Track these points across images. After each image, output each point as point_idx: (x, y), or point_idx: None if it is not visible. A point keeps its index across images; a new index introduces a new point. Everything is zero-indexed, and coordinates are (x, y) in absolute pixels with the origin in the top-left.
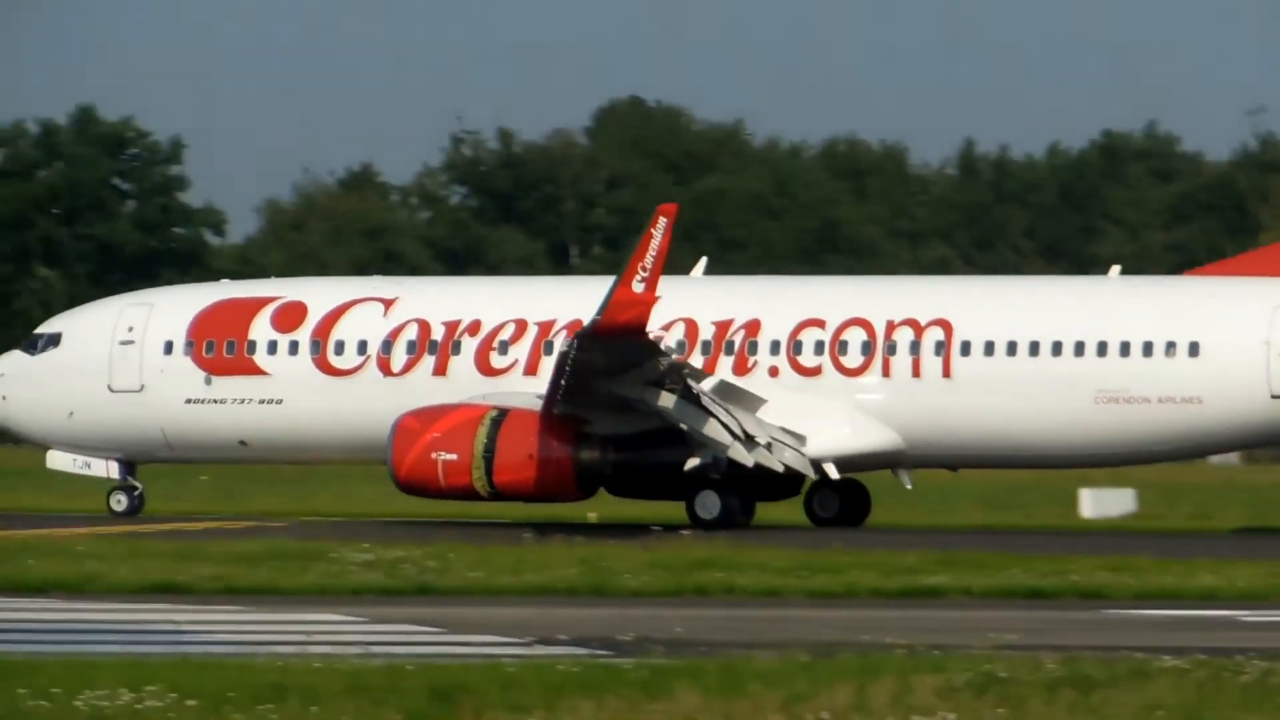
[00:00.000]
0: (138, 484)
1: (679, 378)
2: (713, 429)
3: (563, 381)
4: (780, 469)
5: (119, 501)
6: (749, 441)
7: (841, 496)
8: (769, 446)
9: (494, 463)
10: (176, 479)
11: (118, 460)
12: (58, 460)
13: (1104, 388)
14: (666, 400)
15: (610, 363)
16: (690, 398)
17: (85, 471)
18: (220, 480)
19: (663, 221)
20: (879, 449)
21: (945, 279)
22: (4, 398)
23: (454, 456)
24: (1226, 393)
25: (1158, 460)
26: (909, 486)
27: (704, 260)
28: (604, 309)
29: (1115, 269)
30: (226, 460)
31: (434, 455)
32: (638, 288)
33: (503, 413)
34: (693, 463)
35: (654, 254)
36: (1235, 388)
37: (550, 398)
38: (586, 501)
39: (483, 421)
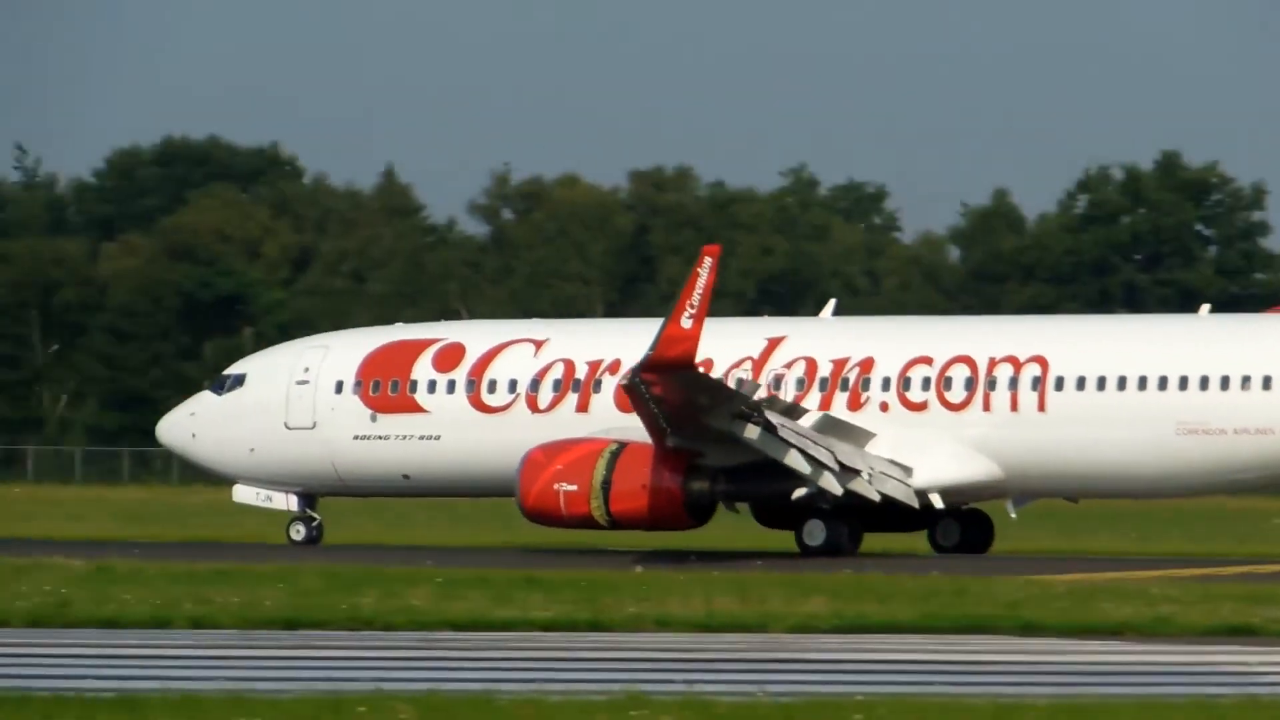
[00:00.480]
0: (316, 515)
1: (759, 411)
2: (794, 459)
3: (657, 415)
4: (876, 498)
5: (298, 531)
6: (846, 472)
7: (963, 526)
8: (870, 478)
9: (611, 493)
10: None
11: (296, 493)
12: (242, 494)
13: (1184, 419)
14: (751, 432)
15: (688, 398)
16: (773, 430)
17: (267, 504)
18: None
19: (708, 261)
20: (981, 480)
21: (1042, 318)
22: (194, 435)
23: (574, 487)
24: None
25: (1238, 490)
26: (1014, 516)
27: (833, 302)
28: (655, 344)
29: (1205, 307)
30: (392, 493)
31: (556, 486)
32: (686, 324)
33: (621, 446)
34: (800, 492)
35: (700, 292)
36: None
37: (653, 432)
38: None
39: (602, 455)
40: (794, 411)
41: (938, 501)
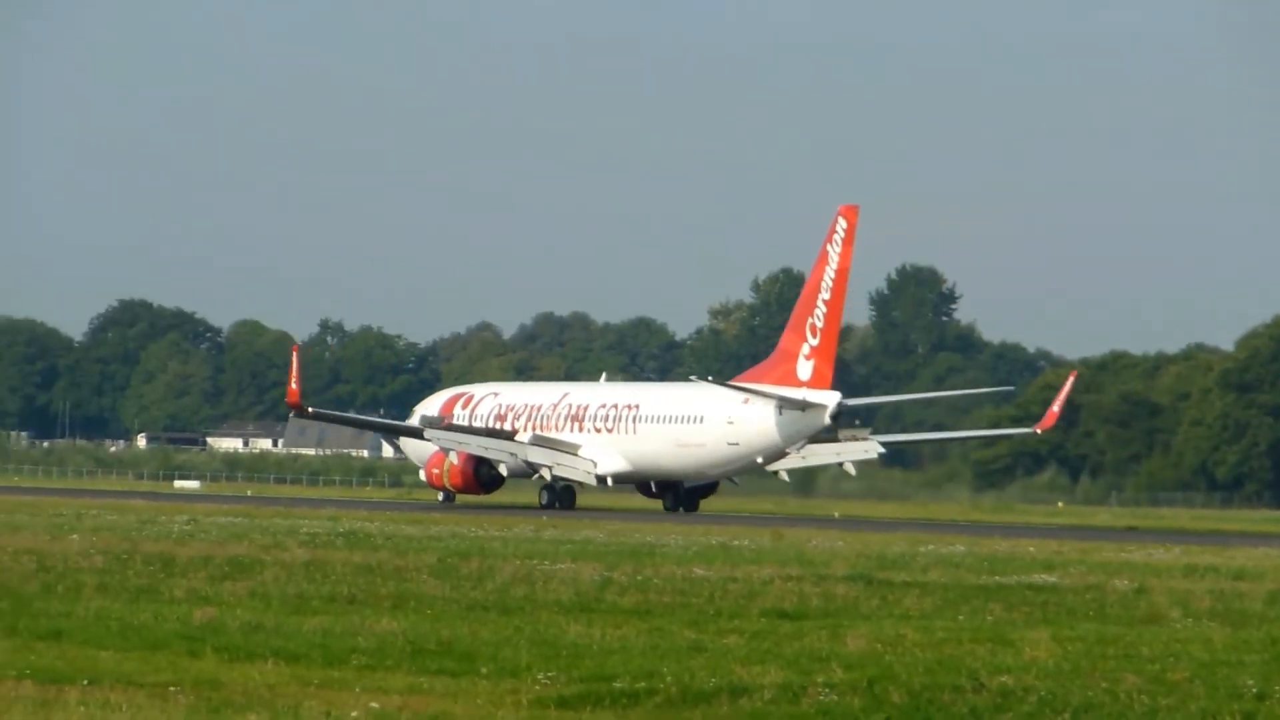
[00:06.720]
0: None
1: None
2: (451, 455)
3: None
4: (548, 479)
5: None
6: (534, 466)
7: (674, 495)
8: (552, 469)
9: (448, 474)
10: None
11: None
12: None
13: (679, 439)
14: (432, 438)
15: (338, 425)
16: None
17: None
18: None
19: (295, 355)
20: (625, 470)
21: (640, 384)
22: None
23: (437, 471)
24: (713, 443)
25: (708, 478)
26: (854, 472)
27: (604, 375)
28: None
29: (692, 377)
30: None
31: (433, 470)
32: (294, 386)
33: (460, 453)
34: (536, 476)
35: (296, 371)
36: (715, 441)
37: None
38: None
39: (449, 455)
40: (474, 431)
41: (609, 482)
